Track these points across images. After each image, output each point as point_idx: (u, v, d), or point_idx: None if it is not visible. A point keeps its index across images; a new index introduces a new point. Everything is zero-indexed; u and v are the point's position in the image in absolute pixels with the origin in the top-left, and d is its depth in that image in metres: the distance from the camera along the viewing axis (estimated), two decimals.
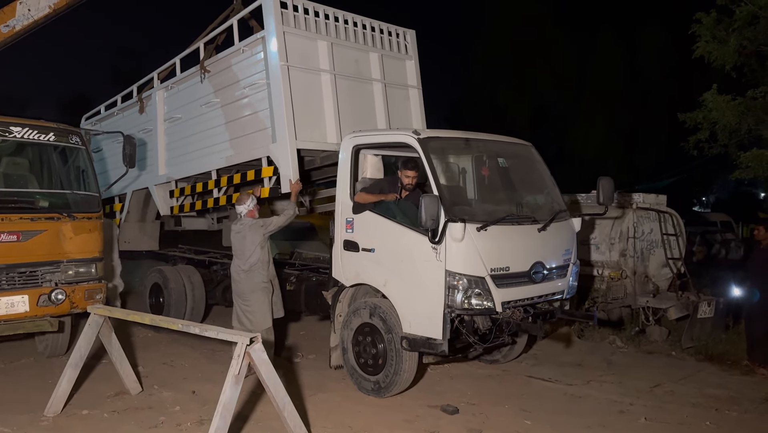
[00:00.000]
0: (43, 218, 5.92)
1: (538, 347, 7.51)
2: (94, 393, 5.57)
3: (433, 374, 6.39)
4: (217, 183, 7.53)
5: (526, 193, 6.18)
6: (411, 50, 7.66)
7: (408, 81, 7.61)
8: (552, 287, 5.64)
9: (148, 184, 8.70)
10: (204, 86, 7.54)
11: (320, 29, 6.77)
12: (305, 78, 6.53)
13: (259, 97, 6.70)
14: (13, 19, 8.65)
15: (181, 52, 7.97)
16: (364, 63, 7.15)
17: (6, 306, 5.60)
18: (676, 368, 6.95)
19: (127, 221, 9.23)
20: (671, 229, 8.51)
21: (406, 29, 7.65)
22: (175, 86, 8.18)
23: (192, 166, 7.92)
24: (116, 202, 9.47)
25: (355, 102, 6.91)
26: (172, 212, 8.52)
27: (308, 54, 6.63)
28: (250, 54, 6.83)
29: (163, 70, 8.40)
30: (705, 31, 10.87)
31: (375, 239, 5.63)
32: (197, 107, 7.69)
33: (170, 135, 8.33)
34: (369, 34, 7.22)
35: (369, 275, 5.71)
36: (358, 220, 5.77)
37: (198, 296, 8.33)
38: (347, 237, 5.86)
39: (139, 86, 8.94)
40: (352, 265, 5.85)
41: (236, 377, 4.03)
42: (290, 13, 6.51)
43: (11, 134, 5.99)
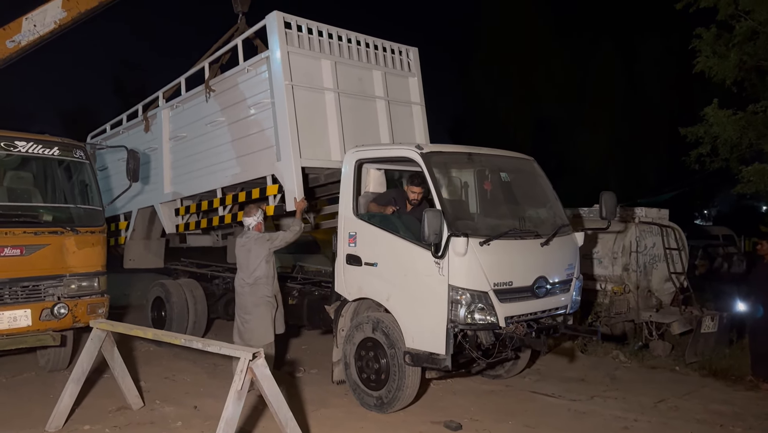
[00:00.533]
0: (46, 232, 5.93)
1: (542, 362, 7.48)
2: (96, 408, 5.54)
3: (436, 390, 6.36)
4: (222, 201, 7.55)
5: (528, 208, 6.19)
6: (414, 67, 7.72)
7: (411, 98, 7.66)
8: (555, 301, 5.63)
9: (153, 203, 8.72)
10: (209, 105, 7.61)
11: (324, 48, 6.83)
12: (309, 97, 6.57)
13: (264, 116, 6.74)
14: (18, 35, 8.71)
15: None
16: (368, 81, 7.21)
17: (8, 320, 5.59)
18: (679, 384, 6.91)
19: (133, 239, 9.24)
20: (674, 243, 8.51)
21: (409, 47, 7.71)
22: (180, 105, 8.24)
23: (197, 184, 7.96)
24: (122, 219, 9.48)
25: (358, 119, 6.95)
26: (178, 230, 8.54)
27: (312, 73, 6.68)
28: (255, 73, 6.89)
29: (169, 89, 8.47)
30: (705, 46, 10.95)
31: (378, 253, 5.63)
32: (202, 126, 7.74)
33: (175, 153, 8.38)
34: (372, 52, 7.28)
35: (372, 289, 5.70)
36: (361, 234, 5.78)
37: (200, 310, 8.32)
38: (350, 251, 5.85)
39: (145, 105, 9.01)
40: (354, 279, 5.84)
41: (239, 392, 4.02)
42: (294, 33, 6.57)
43: (16, 149, 6.02)
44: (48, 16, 8.74)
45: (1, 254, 5.56)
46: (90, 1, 8.95)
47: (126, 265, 9.26)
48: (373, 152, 6.02)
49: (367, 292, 5.77)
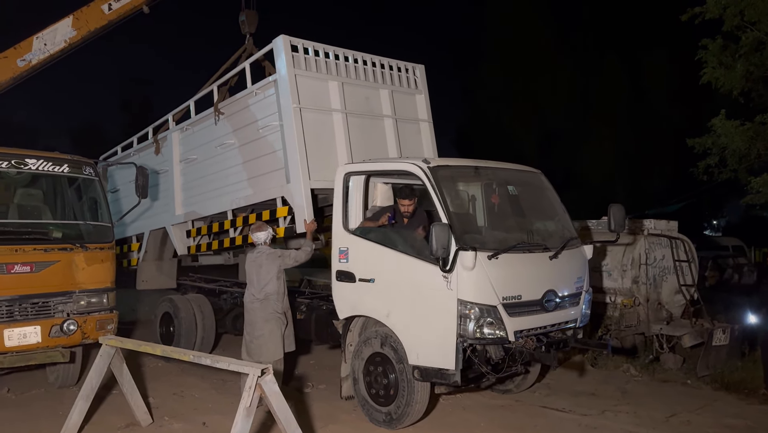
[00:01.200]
0: (56, 249, 5.96)
1: (552, 376, 7.42)
2: (105, 425, 5.54)
3: (445, 405, 6.31)
4: (233, 223, 7.58)
5: (536, 221, 6.17)
6: (421, 84, 7.76)
7: (419, 115, 7.69)
8: (565, 315, 5.60)
9: (165, 224, 8.78)
10: (218, 128, 7.67)
11: (330, 69, 6.87)
12: (317, 118, 6.61)
13: (273, 138, 6.79)
14: (29, 53, 8.85)
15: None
16: (375, 100, 7.25)
17: (18, 337, 5.61)
18: (691, 397, 6.85)
19: (145, 260, 9.29)
20: (683, 255, 8.46)
21: (416, 64, 7.75)
22: (190, 128, 8.32)
23: (208, 206, 8.01)
24: (134, 241, 9.54)
25: (367, 138, 6.97)
26: (189, 252, 8.58)
27: (320, 95, 6.73)
28: (263, 96, 6.95)
29: (178, 111, 8.56)
30: (711, 57, 10.96)
31: (374, 269, 5.56)
32: (212, 148, 7.80)
33: (186, 175, 8.44)
34: (379, 71, 7.33)
35: (368, 306, 5.64)
36: (353, 249, 5.73)
37: (208, 325, 8.33)
38: (341, 267, 5.80)
39: (155, 127, 9.10)
40: (347, 296, 5.81)
41: (247, 409, 4.01)
42: (301, 56, 6.63)
43: (26, 166, 6.07)
44: (58, 35, 8.88)
45: (12, 271, 5.60)
46: (99, 20, 9.10)
47: (139, 286, 9.34)
48: (378, 166, 6.03)
49: (362, 309, 5.71)
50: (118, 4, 9.11)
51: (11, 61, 8.83)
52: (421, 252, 5.16)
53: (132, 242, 9.55)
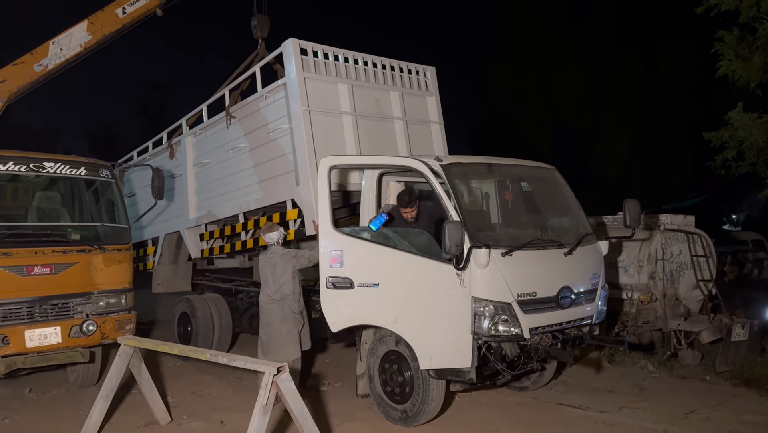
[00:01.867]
0: (74, 251, 6.05)
1: (568, 373, 7.39)
2: (125, 424, 5.62)
3: (461, 403, 6.32)
4: (244, 226, 7.64)
5: (550, 217, 6.15)
6: (431, 86, 7.76)
7: (429, 117, 7.69)
8: (580, 311, 5.57)
9: (179, 228, 8.88)
10: (230, 132, 7.75)
11: (340, 72, 6.90)
12: (327, 121, 6.64)
13: (283, 141, 6.84)
14: (46, 58, 8.97)
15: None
16: (385, 102, 7.26)
17: (39, 338, 5.70)
18: (711, 394, 6.78)
19: (160, 264, 9.40)
20: (700, 250, 8.37)
21: (426, 66, 7.75)
22: (203, 132, 8.41)
23: (220, 209, 8.09)
24: (149, 245, 9.66)
25: (377, 141, 7.00)
26: (203, 255, 8.66)
27: (329, 97, 6.76)
28: (273, 100, 7.00)
29: (192, 116, 8.66)
30: (727, 50, 10.80)
31: (378, 272, 5.25)
32: (224, 152, 7.88)
33: (199, 179, 8.53)
34: (389, 73, 7.34)
35: (370, 313, 5.34)
36: (348, 252, 5.31)
37: (225, 325, 8.40)
38: (333, 273, 5.30)
39: (169, 132, 9.21)
40: (342, 305, 5.36)
41: (264, 407, 4.04)
42: (310, 59, 6.66)
43: (44, 169, 6.16)
44: (74, 39, 9.01)
45: (32, 273, 5.69)
46: (113, 24, 9.20)
47: (155, 289, 9.45)
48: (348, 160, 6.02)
49: (363, 317, 5.41)
50: (131, 8, 9.21)
51: (28, 67, 8.97)
52: (432, 251, 5.14)
53: (148, 245, 9.66)
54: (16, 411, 5.98)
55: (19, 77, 8.97)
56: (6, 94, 8.94)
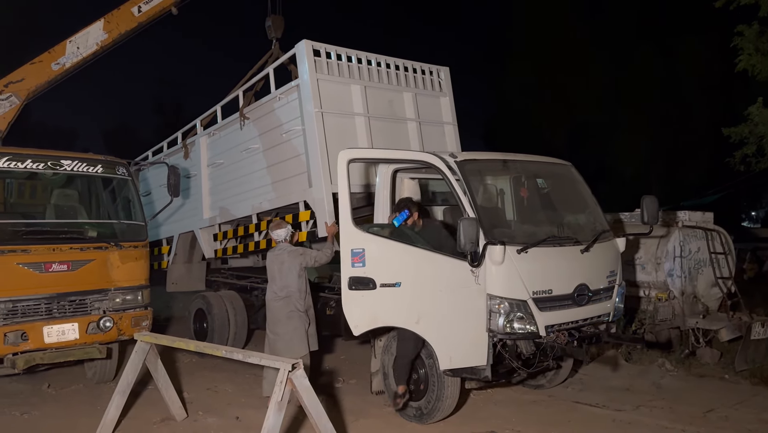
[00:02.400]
0: (92, 248, 6.11)
1: (585, 371, 7.33)
2: (141, 419, 5.66)
3: (476, 400, 6.29)
4: (257, 227, 7.66)
5: (567, 214, 6.09)
6: (445, 87, 7.72)
7: (443, 118, 7.66)
8: (597, 309, 5.51)
9: (193, 228, 8.95)
10: (243, 132, 7.78)
11: (353, 73, 6.89)
12: (340, 122, 6.64)
13: (296, 143, 6.85)
14: (63, 57, 9.08)
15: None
16: (398, 103, 7.24)
17: (57, 334, 5.76)
18: (730, 392, 6.69)
19: (175, 263, 9.48)
20: (719, 247, 8.25)
21: (440, 67, 7.72)
22: (217, 132, 8.46)
23: (233, 210, 8.13)
24: (164, 244, 9.73)
25: (390, 142, 6.97)
26: (216, 255, 8.71)
27: (342, 99, 6.76)
28: (286, 101, 7.01)
29: (206, 116, 8.72)
30: (747, 44, 10.64)
31: (400, 272, 5.04)
32: (238, 153, 7.92)
33: (213, 180, 8.59)
34: (402, 74, 7.32)
35: (393, 315, 5.11)
36: (371, 251, 5.07)
37: (240, 322, 8.44)
38: (355, 273, 5.04)
39: (184, 132, 9.28)
40: (365, 306, 5.09)
41: (279, 403, 4.05)
42: (323, 60, 6.67)
43: (62, 167, 6.22)
44: (90, 38, 9.10)
45: (50, 270, 5.75)
46: (129, 23, 9.28)
47: (169, 288, 9.54)
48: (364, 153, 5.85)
49: (386, 319, 5.15)
50: (147, 6, 9.29)
51: (46, 65, 9.07)
52: (448, 247, 5.10)
53: (162, 244, 9.73)
54: (35, 406, 6.05)
55: (37, 76, 9.08)
56: (24, 93, 9.05)
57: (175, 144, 9.37)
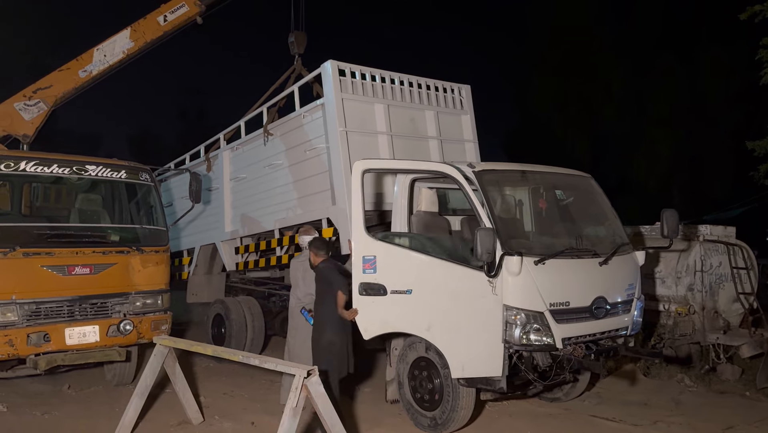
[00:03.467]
0: (114, 252, 6.22)
1: (602, 385, 7.24)
2: (159, 422, 5.72)
3: (491, 412, 6.25)
4: (279, 242, 7.73)
5: (585, 226, 6.06)
6: (466, 105, 7.78)
7: (464, 136, 7.71)
8: (615, 322, 5.47)
9: (215, 240, 9.10)
10: (267, 148, 7.91)
11: (377, 93, 7.00)
12: (363, 141, 6.73)
13: (320, 160, 6.95)
14: (90, 65, 9.27)
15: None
16: (420, 121, 7.32)
17: (78, 336, 5.86)
18: (750, 410, 6.57)
19: (195, 274, 9.63)
20: (741, 262, 8.14)
21: (462, 85, 7.80)
22: (240, 147, 8.61)
23: (255, 224, 8.26)
24: (185, 255, 9.86)
25: (411, 159, 7.01)
26: (238, 268, 8.82)
27: (366, 117, 6.86)
28: (311, 120, 7.13)
29: (229, 131, 8.87)
30: None
31: (411, 279, 5.18)
32: (261, 168, 8.04)
33: (236, 193, 8.72)
34: (425, 92, 7.40)
35: (404, 321, 5.26)
36: (382, 258, 5.22)
37: (258, 327, 8.51)
38: (366, 279, 5.20)
39: (207, 146, 9.42)
40: (375, 312, 5.25)
41: (294, 409, 4.08)
42: (348, 80, 6.78)
43: (86, 172, 6.35)
44: (117, 46, 9.29)
45: (72, 273, 5.86)
46: (155, 31, 9.45)
47: (189, 299, 9.70)
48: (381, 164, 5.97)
49: (397, 325, 5.33)
50: (173, 16, 9.45)
51: (73, 72, 9.27)
52: (464, 258, 5.12)
53: (183, 255, 9.86)
54: (55, 407, 6.15)
55: (65, 83, 9.27)
56: (52, 100, 9.25)
57: (198, 157, 9.51)
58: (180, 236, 9.81)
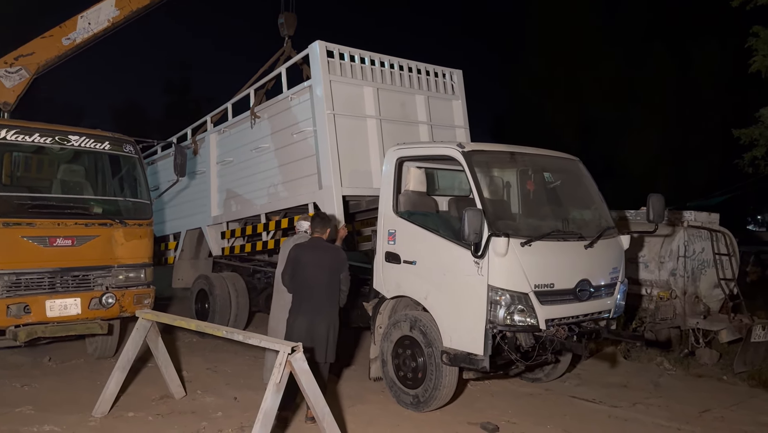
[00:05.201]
0: (96, 224, 6.13)
1: (583, 366, 7.34)
2: (140, 396, 5.70)
3: (473, 391, 6.31)
4: (266, 227, 7.64)
5: (572, 209, 6.08)
6: (458, 90, 7.68)
7: (455, 121, 7.62)
8: (598, 305, 5.52)
9: (201, 225, 8.96)
10: (254, 131, 7.77)
11: (366, 75, 6.86)
12: (351, 125, 6.62)
13: (306, 144, 6.85)
14: (73, 32, 9.05)
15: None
16: (411, 106, 7.21)
17: (60, 308, 5.80)
18: (727, 393, 6.69)
19: (181, 259, 9.53)
20: (724, 249, 8.23)
21: (453, 69, 7.68)
22: (227, 130, 8.45)
23: (242, 208, 8.14)
24: (171, 240, 9.74)
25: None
26: (224, 253, 8.72)
27: (354, 101, 6.73)
28: (298, 102, 7.00)
29: (216, 113, 8.71)
30: (762, 45, 10.54)
31: (417, 252, 5.60)
32: (247, 151, 7.91)
33: (222, 177, 8.57)
34: (415, 76, 7.28)
35: (410, 287, 5.70)
36: (400, 232, 5.78)
37: (242, 303, 8.48)
38: (389, 249, 5.85)
39: (193, 129, 9.26)
40: (393, 277, 5.85)
41: (277, 385, 4.07)
42: (336, 62, 6.63)
43: (69, 142, 6.23)
44: (102, 14, 9.07)
45: (54, 244, 5.78)
46: (141, 0, 9.23)
47: (175, 284, 9.61)
48: (414, 150, 6.02)
49: (406, 290, 5.76)
50: None
51: (56, 40, 9.05)
52: (457, 236, 5.14)
53: (169, 240, 9.74)
54: (36, 379, 6.11)
55: (47, 50, 9.06)
56: (34, 67, 9.04)
57: (185, 140, 9.33)
58: (165, 220, 9.69)
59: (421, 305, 5.60)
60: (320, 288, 5.16)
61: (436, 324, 5.36)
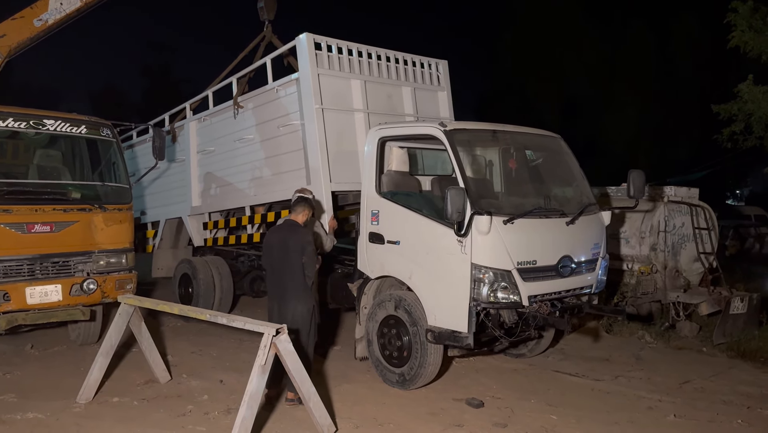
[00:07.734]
0: (75, 209, 6.04)
1: (566, 341, 7.44)
2: (125, 381, 5.68)
3: (458, 368, 6.37)
4: (251, 219, 7.55)
5: (554, 186, 6.11)
6: (443, 81, 7.63)
7: (440, 113, 7.57)
8: (580, 281, 5.57)
9: (181, 214, 8.81)
10: (237, 122, 7.62)
11: (354, 68, 6.78)
12: (339, 118, 6.55)
13: (294, 137, 6.75)
14: (45, 13, 8.79)
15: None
16: (397, 98, 7.16)
17: (40, 295, 5.73)
18: (706, 365, 6.83)
19: (161, 248, 9.41)
20: (703, 223, 8.35)
21: (439, 60, 7.63)
22: (208, 119, 8.27)
23: (224, 199, 8.02)
24: (149, 228, 9.60)
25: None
26: (206, 244, 8.61)
27: (342, 94, 6.65)
28: (284, 94, 6.89)
29: (195, 101, 8.50)
30: (741, 21, 10.61)
31: (400, 232, 5.62)
32: (230, 142, 7.76)
33: (203, 167, 8.41)
34: (402, 68, 7.23)
35: (394, 267, 5.70)
36: (383, 212, 5.78)
37: (226, 287, 8.43)
38: (372, 229, 5.85)
39: (171, 115, 9.06)
40: (377, 257, 5.86)
41: (262, 367, 4.07)
42: (324, 54, 6.53)
43: (45, 127, 6.12)
44: None
45: (32, 231, 5.70)
46: None
47: (154, 274, 9.49)
48: (396, 130, 5.98)
49: (390, 270, 5.77)
50: None
51: (28, 21, 8.79)
52: (440, 215, 5.15)
53: (148, 228, 9.61)
54: (18, 366, 6.05)
55: (19, 32, 8.81)
56: (6, 50, 8.79)
57: (162, 126, 9.16)
58: (144, 209, 9.54)
59: (405, 284, 5.62)
60: (282, 270, 5.11)
61: (421, 303, 5.38)
